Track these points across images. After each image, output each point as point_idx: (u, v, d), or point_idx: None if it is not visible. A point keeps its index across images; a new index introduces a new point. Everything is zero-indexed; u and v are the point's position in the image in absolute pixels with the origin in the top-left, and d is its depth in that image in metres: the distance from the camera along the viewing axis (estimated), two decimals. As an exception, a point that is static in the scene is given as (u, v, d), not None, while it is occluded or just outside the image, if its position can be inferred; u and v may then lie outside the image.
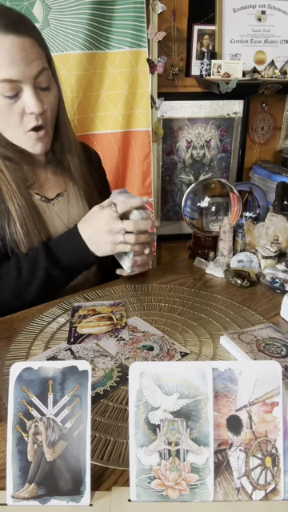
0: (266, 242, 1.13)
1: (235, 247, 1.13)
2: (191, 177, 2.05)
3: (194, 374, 0.49)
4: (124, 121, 1.74)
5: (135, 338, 0.79)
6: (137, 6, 1.59)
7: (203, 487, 0.48)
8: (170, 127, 1.94)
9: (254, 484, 0.48)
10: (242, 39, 1.86)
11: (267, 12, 1.85)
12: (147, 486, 0.48)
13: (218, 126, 2.00)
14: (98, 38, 1.60)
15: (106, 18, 1.58)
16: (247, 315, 0.89)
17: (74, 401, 0.49)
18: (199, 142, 2.00)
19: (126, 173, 1.84)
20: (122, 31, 1.61)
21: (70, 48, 1.55)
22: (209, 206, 1.13)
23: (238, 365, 0.50)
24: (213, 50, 1.84)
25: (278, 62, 1.89)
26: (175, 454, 0.48)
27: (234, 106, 1.97)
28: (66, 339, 0.78)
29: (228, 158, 2.07)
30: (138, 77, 1.70)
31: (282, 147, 2.12)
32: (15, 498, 0.47)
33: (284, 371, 0.67)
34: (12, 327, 0.83)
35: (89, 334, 0.80)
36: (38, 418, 0.48)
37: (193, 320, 0.86)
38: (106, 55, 1.64)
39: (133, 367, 0.49)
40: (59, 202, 0.99)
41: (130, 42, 1.63)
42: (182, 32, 1.80)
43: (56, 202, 0.98)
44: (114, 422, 0.60)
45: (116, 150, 1.77)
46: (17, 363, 0.49)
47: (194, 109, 1.93)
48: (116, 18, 1.59)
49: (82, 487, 0.47)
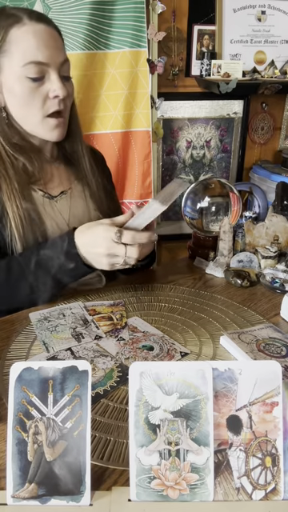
0: (266, 242, 1.13)
1: (235, 247, 1.13)
2: (191, 177, 2.05)
3: (193, 373, 0.49)
4: (124, 121, 1.74)
5: (135, 338, 0.79)
6: (137, 6, 1.59)
7: (203, 487, 0.48)
8: (170, 127, 1.94)
9: (254, 484, 0.48)
10: (241, 39, 1.86)
11: (267, 12, 1.85)
12: (147, 485, 0.48)
13: (218, 126, 2.00)
14: (98, 38, 1.60)
15: (105, 18, 1.58)
16: (247, 315, 0.89)
17: (74, 401, 0.49)
18: (199, 142, 2.00)
19: (126, 173, 1.84)
20: (122, 31, 1.62)
21: (70, 48, 1.56)
22: (209, 206, 1.13)
23: (238, 365, 0.50)
24: (213, 50, 1.84)
25: (278, 62, 1.90)
26: (175, 453, 0.48)
27: (234, 106, 1.97)
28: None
29: (228, 158, 2.07)
30: (138, 77, 1.70)
31: (281, 147, 2.13)
32: (15, 498, 0.47)
33: (284, 371, 0.67)
34: (12, 327, 0.83)
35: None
36: (38, 417, 0.48)
37: (193, 320, 0.87)
38: (106, 55, 1.64)
39: (133, 367, 0.49)
40: (62, 199, 0.99)
41: (130, 42, 1.63)
42: (182, 32, 1.81)
43: (59, 199, 0.98)
44: (114, 422, 0.60)
45: (116, 150, 1.77)
46: (17, 363, 0.49)
47: (193, 109, 1.93)
48: (116, 18, 1.59)
49: (82, 487, 0.47)
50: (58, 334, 0.79)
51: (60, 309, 0.88)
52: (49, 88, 0.87)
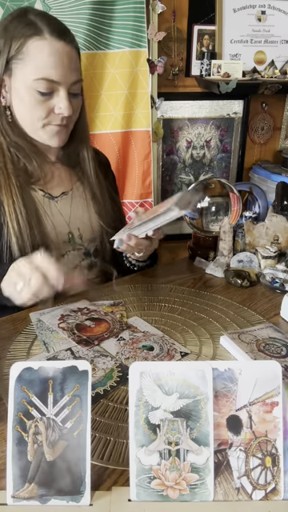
0: (266, 241, 1.13)
1: (235, 247, 1.13)
2: (191, 177, 2.05)
3: (193, 373, 0.49)
4: (124, 121, 1.74)
5: (135, 338, 0.79)
6: (137, 6, 1.59)
7: (203, 487, 0.48)
8: (170, 127, 1.94)
9: (254, 484, 0.48)
10: (241, 39, 1.86)
11: (267, 12, 1.85)
12: (147, 485, 0.48)
13: (218, 126, 1.99)
14: (98, 38, 1.60)
15: (106, 18, 1.58)
16: (247, 315, 0.89)
17: (74, 401, 0.49)
18: (199, 142, 2.00)
19: (125, 173, 1.84)
20: (122, 31, 1.61)
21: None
22: (209, 206, 1.13)
23: (238, 365, 0.50)
24: (213, 50, 1.84)
25: (278, 62, 1.89)
26: (175, 453, 0.48)
27: (234, 106, 1.97)
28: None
29: (228, 157, 2.07)
30: (138, 77, 1.70)
31: (282, 147, 2.12)
32: (15, 498, 0.47)
33: (284, 371, 0.67)
34: (12, 327, 0.83)
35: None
36: (38, 417, 0.48)
37: (193, 320, 0.86)
38: (106, 55, 1.64)
39: (133, 367, 0.49)
40: (63, 200, 0.99)
41: (130, 42, 1.63)
42: (182, 32, 1.80)
43: (60, 199, 0.98)
44: (114, 422, 0.60)
45: (116, 150, 1.77)
46: (17, 363, 0.49)
47: (194, 109, 1.93)
48: (116, 18, 1.59)
49: (82, 487, 0.47)
50: (58, 333, 0.79)
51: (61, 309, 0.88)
52: (55, 104, 0.87)
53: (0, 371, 0.70)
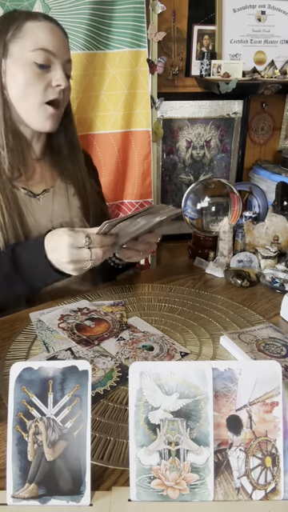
0: (266, 241, 1.13)
1: (235, 247, 1.14)
2: (191, 177, 2.05)
3: (193, 373, 0.49)
4: (124, 121, 1.74)
5: (135, 338, 0.79)
6: (137, 6, 1.59)
7: (203, 487, 0.48)
8: (170, 127, 1.94)
9: (254, 484, 0.48)
10: (241, 39, 1.86)
11: (267, 12, 1.85)
12: (147, 485, 0.48)
13: (218, 126, 2.00)
14: (98, 38, 1.60)
15: (106, 18, 1.58)
16: (247, 315, 0.89)
17: (74, 401, 0.49)
18: (199, 142, 2.00)
19: (126, 173, 1.84)
20: (122, 31, 1.61)
21: (70, 48, 1.55)
22: (209, 206, 1.13)
23: (238, 365, 0.50)
24: (213, 50, 1.84)
25: (278, 62, 1.90)
26: (175, 453, 0.48)
27: (234, 106, 1.97)
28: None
29: (228, 158, 2.07)
30: (137, 77, 1.70)
31: (282, 147, 2.12)
32: (15, 498, 0.47)
33: (284, 371, 0.67)
34: (12, 327, 0.83)
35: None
36: (38, 417, 0.48)
37: (193, 320, 0.87)
38: (106, 55, 1.64)
39: (133, 367, 0.49)
40: (45, 197, 0.99)
41: (129, 42, 1.63)
42: (182, 32, 1.81)
43: (42, 197, 0.98)
44: (114, 422, 0.60)
45: (116, 150, 1.77)
46: (17, 363, 0.49)
47: (193, 109, 1.93)
48: (116, 18, 1.59)
49: (82, 487, 0.47)
50: (58, 333, 0.79)
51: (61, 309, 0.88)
52: (52, 77, 0.91)
53: (0, 371, 0.70)
